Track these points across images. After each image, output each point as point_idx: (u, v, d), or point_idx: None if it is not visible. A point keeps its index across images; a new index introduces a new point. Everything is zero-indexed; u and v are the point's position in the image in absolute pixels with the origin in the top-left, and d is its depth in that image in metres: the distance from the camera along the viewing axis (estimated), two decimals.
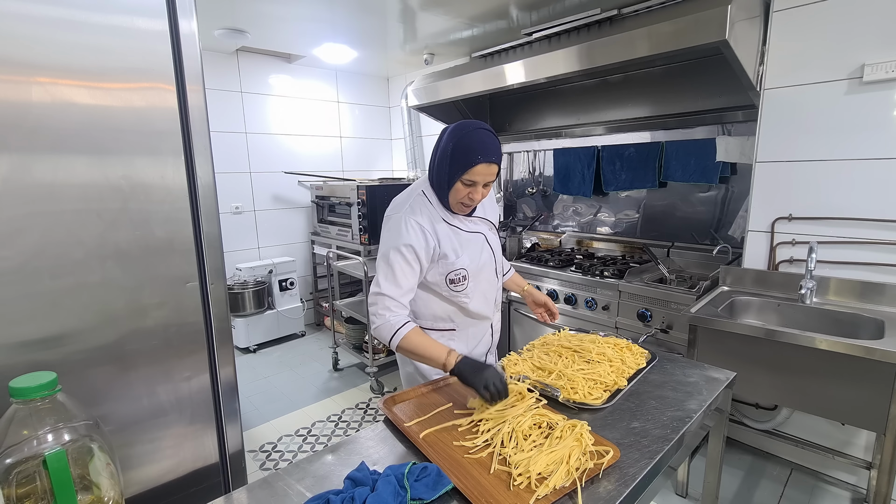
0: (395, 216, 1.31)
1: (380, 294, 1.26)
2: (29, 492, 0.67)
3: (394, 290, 1.26)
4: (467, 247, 1.35)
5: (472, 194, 1.26)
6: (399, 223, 1.28)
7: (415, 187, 1.37)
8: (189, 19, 0.95)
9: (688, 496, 2.00)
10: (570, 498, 0.82)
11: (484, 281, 1.41)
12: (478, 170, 1.21)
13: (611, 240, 3.05)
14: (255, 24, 2.83)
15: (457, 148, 1.22)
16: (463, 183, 1.24)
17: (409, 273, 1.27)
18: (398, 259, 1.26)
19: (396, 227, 1.28)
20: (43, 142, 0.83)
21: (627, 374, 1.26)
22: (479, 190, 1.26)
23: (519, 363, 1.34)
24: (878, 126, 1.78)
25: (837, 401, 1.58)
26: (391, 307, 1.26)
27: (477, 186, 1.25)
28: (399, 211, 1.31)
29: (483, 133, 1.22)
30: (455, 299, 1.37)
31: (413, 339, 1.22)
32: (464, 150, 1.21)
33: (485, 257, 1.40)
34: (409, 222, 1.27)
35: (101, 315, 0.92)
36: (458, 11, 2.56)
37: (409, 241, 1.25)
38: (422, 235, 1.27)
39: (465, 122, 1.26)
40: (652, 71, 2.68)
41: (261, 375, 3.31)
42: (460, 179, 1.24)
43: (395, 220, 1.30)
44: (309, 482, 0.88)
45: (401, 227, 1.27)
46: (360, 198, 3.31)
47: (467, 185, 1.25)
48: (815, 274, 1.86)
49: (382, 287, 1.26)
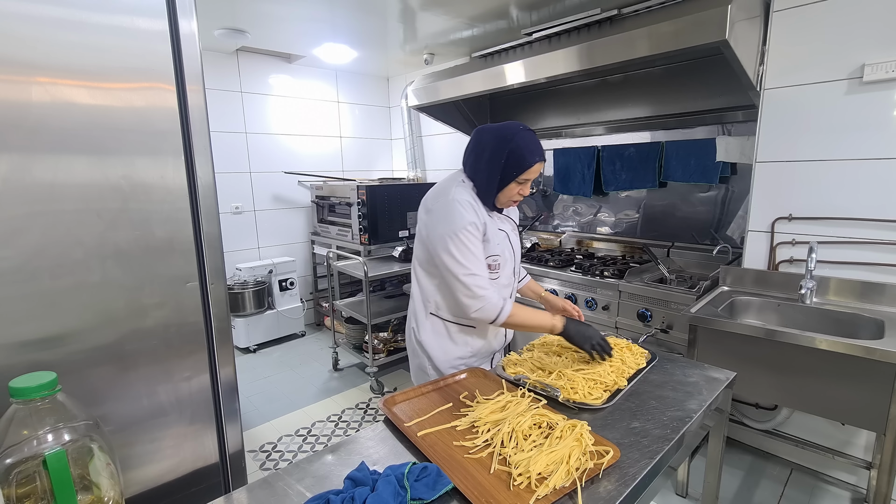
0: (443, 201, 1.34)
1: (472, 274, 1.28)
2: (29, 492, 0.67)
3: (480, 268, 1.31)
4: (498, 241, 1.41)
5: (522, 191, 1.36)
6: (453, 206, 1.31)
7: (452, 177, 1.42)
8: (189, 19, 0.95)
9: (688, 496, 2.00)
10: (570, 498, 0.82)
11: (504, 277, 1.46)
12: (535, 168, 1.31)
13: (611, 240, 3.05)
14: (255, 24, 2.83)
15: (513, 151, 1.29)
16: (517, 182, 1.33)
17: (479, 249, 1.32)
18: (468, 237, 1.29)
19: (451, 209, 1.31)
20: (43, 142, 0.83)
21: (627, 374, 1.26)
22: (528, 187, 1.36)
23: (519, 363, 1.34)
24: (878, 126, 1.78)
25: (837, 401, 1.58)
26: (484, 285, 1.30)
27: (528, 184, 1.35)
28: (446, 195, 1.34)
29: (530, 134, 1.32)
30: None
31: (519, 312, 1.33)
32: (520, 151, 1.29)
33: (507, 255, 1.44)
34: (463, 203, 1.31)
35: (101, 315, 0.92)
36: (458, 11, 2.56)
37: (470, 218, 1.30)
38: (475, 214, 1.32)
39: (510, 125, 1.32)
40: (652, 71, 2.68)
41: (261, 375, 3.31)
42: (516, 179, 1.31)
43: (446, 204, 1.32)
44: (309, 482, 0.88)
45: (457, 208, 1.30)
46: (360, 198, 3.31)
47: (520, 184, 1.34)
48: (815, 274, 1.86)
49: (471, 267, 1.29)
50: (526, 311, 1.34)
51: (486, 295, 1.29)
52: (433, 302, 1.44)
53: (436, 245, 1.32)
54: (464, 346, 1.45)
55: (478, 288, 1.28)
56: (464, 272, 1.28)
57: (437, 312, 1.44)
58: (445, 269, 1.31)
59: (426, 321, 1.46)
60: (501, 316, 1.30)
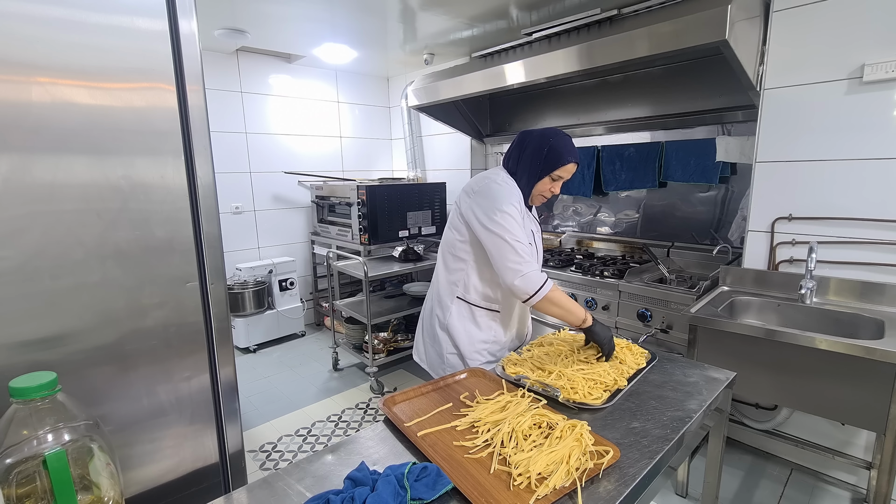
0: (491, 183, 1.43)
1: (519, 241, 1.33)
2: (29, 492, 0.67)
3: (523, 238, 1.35)
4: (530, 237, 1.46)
5: (554, 188, 1.46)
6: (502, 187, 1.41)
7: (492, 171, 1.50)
8: (189, 19, 0.95)
9: (688, 496, 2.00)
10: (570, 498, 0.82)
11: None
12: (568, 167, 1.42)
13: (611, 240, 3.05)
14: (255, 24, 2.83)
15: (552, 149, 1.40)
16: (551, 178, 1.43)
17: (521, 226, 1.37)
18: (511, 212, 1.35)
19: (500, 189, 1.40)
20: (43, 142, 0.83)
21: (627, 374, 1.26)
22: (559, 186, 1.46)
23: (519, 363, 1.34)
24: (878, 126, 1.78)
25: (837, 401, 1.58)
26: (527, 257, 1.33)
27: (559, 182, 1.45)
28: (494, 180, 1.44)
29: (568, 138, 1.43)
30: None
31: (557, 294, 1.35)
32: (560, 150, 1.40)
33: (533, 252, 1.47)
34: (511, 187, 1.42)
35: (101, 315, 0.92)
36: (458, 11, 2.56)
37: (513, 199, 1.38)
38: (517, 198, 1.41)
39: (553, 129, 1.45)
40: (652, 71, 2.68)
41: (261, 375, 3.31)
42: (550, 175, 1.42)
43: (496, 185, 1.41)
44: (309, 482, 0.88)
45: (506, 189, 1.40)
46: (360, 198, 3.31)
47: (554, 180, 1.44)
48: (815, 274, 1.86)
49: (519, 236, 1.34)
50: (566, 298, 1.37)
51: (529, 266, 1.33)
52: (461, 285, 1.50)
53: (481, 219, 1.38)
54: (488, 330, 1.51)
55: (526, 255, 1.33)
56: (513, 238, 1.33)
57: (464, 296, 1.51)
58: (494, 237, 1.35)
59: (452, 305, 1.53)
60: (542, 290, 1.32)
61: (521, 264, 1.32)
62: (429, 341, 1.61)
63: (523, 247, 1.33)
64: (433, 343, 1.58)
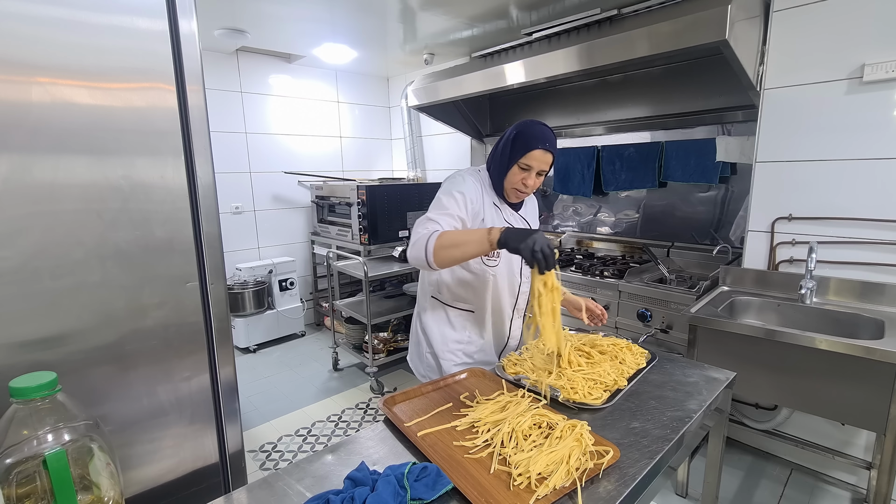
0: (453, 175, 1.44)
1: (428, 219, 1.28)
2: (29, 492, 0.67)
3: (442, 220, 1.28)
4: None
5: (526, 180, 1.36)
6: (456, 177, 1.41)
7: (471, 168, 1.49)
8: (189, 19, 0.95)
9: (688, 496, 2.00)
10: (570, 498, 0.82)
11: (509, 274, 1.48)
12: (535, 154, 1.32)
13: (611, 240, 3.05)
14: (255, 24, 2.83)
15: (518, 135, 1.34)
16: (519, 167, 1.35)
17: (457, 211, 1.32)
18: (450, 198, 1.34)
19: (453, 179, 1.41)
20: (43, 142, 0.83)
21: (627, 374, 1.26)
22: (532, 176, 1.36)
23: (519, 363, 1.34)
24: (878, 126, 1.78)
25: (837, 401, 1.58)
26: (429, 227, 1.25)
27: (531, 172, 1.35)
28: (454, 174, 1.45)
29: (543, 126, 1.35)
30: (483, 274, 1.44)
31: (449, 234, 1.20)
32: (524, 136, 1.33)
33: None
34: (466, 178, 1.40)
35: (101, 315, 0.92)
36: (458, 11, 2.56)
37: (460, 188, 1.35)
38: (473, 189, 1.37)
39: (529, 119, 1.39)
40: (652, 71, 2.68)
41: (261, 375, 3.31)
42: (517, 163, 1.34)
43: (453, 176, 1.43)
44: (309, 482, 0.88)
45: (456, 179, 1.40)
46: (360, 198, 3.31)
47: (523, 170, 1.35)
48: (815, 274, 1.86)
49: (431, 215, 1.30)
50: (456, 234, 1.20)
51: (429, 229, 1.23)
52: (435, 285, 1.49)
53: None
54: (462, 330, 1.49)
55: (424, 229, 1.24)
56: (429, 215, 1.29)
57: (437, 295, 1.50)
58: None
59: (427, 304, 1.52)
60: (429, 244, 1.18)
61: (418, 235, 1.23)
62: (413, 342, 1.62)
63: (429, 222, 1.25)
64: (416, 344, 1.59)
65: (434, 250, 1.18)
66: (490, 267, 1.43)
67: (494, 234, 1.13)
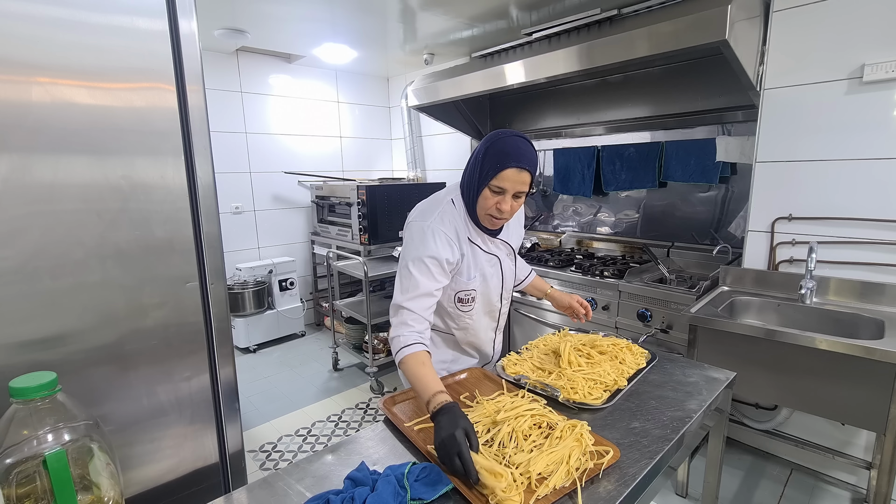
0: (421, 224, 1.23)
1: (400, 307, 1.18)
2: (29, 492, 0.67)
3: (415, 304, 1.17)
4: (481, 268, 1.31)
5: (501, 205, 1.18)
6: (425, 232, 1.21)
7: (444, 194, 1.31)
8: (189, 19, 0.95)
9: (688, 496, 2.00)
10: (570, 498, 0.82)
11: (486, 304, 1.39)
12: (507, 174, 1.14)
13: (611, 240, 3.05)
14: (255, 24, 2.83)
15: (488, 151, 1.17)
16: (491, 189, 1.17)
17: (432, 286, 1.19)
18: (422, 270, 1.18)
19: (422, 235, 1.21)
20: (43, 142, 0.83)
21: (627, 374, 1.26)
22: (507, 200, 1.18)
23: (518, 363, 1.34)
24: (878, 126, 1.78)
25: (837, 401, 1.58)
26: (409, 321, 1.16)
27: (506, 196, 1.18)
28: (426, 219, 1.23)
29: (517, 139, 1.16)
30: (458, 319, 1.36)
31: (411, 366, 1.09)
32: (495, 153, 1.15)
33: (492, 283, 1.36)
34: (437, 232, 1.20)
35: (101, 315, 0.92)
36: (458, 11, 2.56)
37: (436, 252, 1.19)
38: (448, 247, 1.21)
39: (502, 130, 1.20)
40: (652, 71, 2.68)
41: (261, 375, 3.31)
42: (488, 185, 1.17)
43: (420, 228, 1.22)
44: (309, 482, 0.88)
45: (427, 236, 1.20)
46: (360, 198, 3.31)
47: (495, 193, 1.18)
48: (815, 274, 1.86)
49: (403, 300, 1.18)
50: (418, 369, 1.08)
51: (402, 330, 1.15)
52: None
53: (402, 257, 1.25)
54: (444, 351, 1.42)
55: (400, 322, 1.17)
56: (398, 301, 1.19)
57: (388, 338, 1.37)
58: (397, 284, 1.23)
59: None
60: (397, 358, 1.14)
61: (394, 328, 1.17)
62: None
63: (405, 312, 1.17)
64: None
65: (399, 364, 1.14)
66: (465, 313, 1.34)
67: (435, 404, 0.98)
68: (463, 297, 1.31)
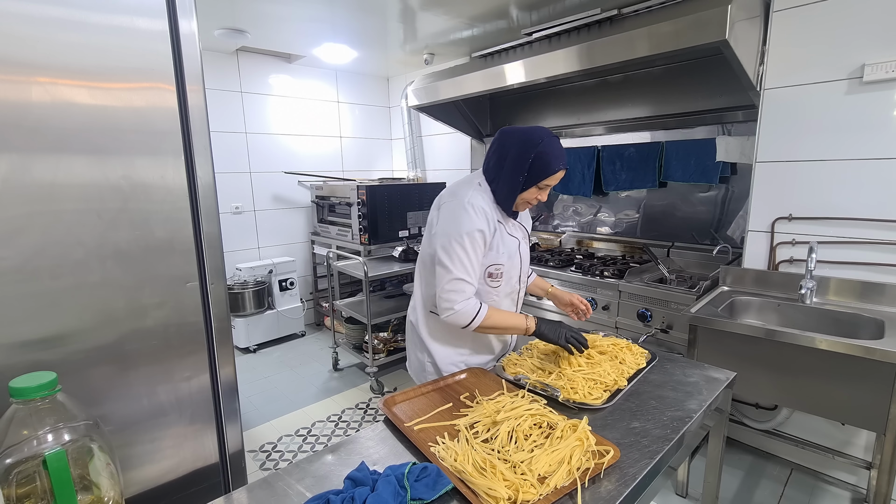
0: (456, 202, 1.32)
1: (458, 279, 1.29)
2: (29, 492, 0.67)
3: (469, 275, 1.30)
4: (507, 246, 1.40)
5: (541, 196, 1.37)
6: (464, 208, 1.30)
7: (470, 178, 1.42)
8: (189, 19, 0.95)
9: (688, 496, 2.00)
10: (570, 498, 0.82)
11: (508, 284, 1.45)
12: (557, 176, 1.32)
13: (611, 240, 3.05)
14: (255, 24, 2.83)
15: (539, 156, 1.29)
16: (538, 187, 1.33)
17: (477, 257, 1.32)
18: (468, 243, 1.29)
19: (461, 211, 1.30)
20: (43, 142, 0.83)
21: (627, 374, 1.26)
22: (546, 193, 1.37)
23: (518, 363, 1.34)
24: (878, 126, 1.78)
25: (837, 401, 1.58)
26: (467, 292, 1.30)
27: (547, 190, 1.36)
28: (462, 197, 1.32)
29: (557, 140, 1.32)
30: (486, 295, 1.41)
31: (493, 316, 1.32)
32: (545, 157, 1.29)
33: (514, 262, 1.43)
34: (475, 207, 1.30)
35: (101, 315, 0.92)
36: (458, 11, 2.56)
37: (478, 225, 1.29)
38: (485, 221, 1.31)
39: (536, 130, 1.31)
40: (652, 71, 2.68)
41: (261, 375, 3.31)
42: (537, 184, 1.32)
43: (457, 206, 1.31)
44: (309, 482, 0.88)
45: (467, 211, 1.29)
46: (360, 198, 3.31)
47: (541, 189, 1.34)
48: (815, 274, 1.86)
49: (459, 274, 1.29)
50: (500, 314, 1.34)
51: (462, 303, 1.29)
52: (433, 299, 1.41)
53: (437, 242, 1.33)
54: (462, 344, 1.46)
55: (455, 293, 1.29)
56: (450, 277, 1.29)
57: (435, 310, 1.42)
58: (441, 265, 1.31)
59: (426, 319, 1.48)
60: (474, 323, 1.30)
61: (454, 302, 1.29)
62: (410, 346, 1.61)
63: (459, 283, 1.29)
64: (413, 348, 1.58)
65: (479, 327, 1.31)
66: (494, 288, 1.42)
67: (531, 327, 1.33)
68: (493, 272, 1.39)
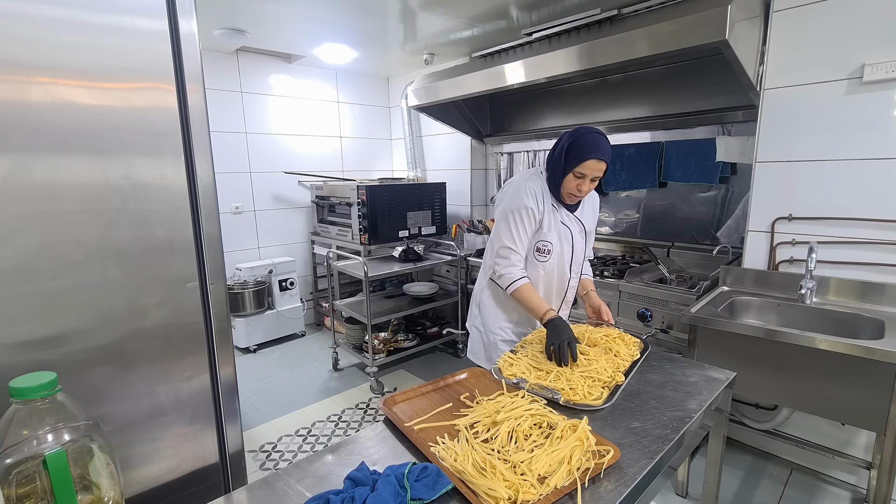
0: (514, 183, 1.57)
1: (508, 248, 1.54)
2: (29, 492, 0.67)
3: (518, 246, 1.54)
4: (558, 229, 1.58)
5: (581, 186, 1.48)
6: (519, 188, 1.54)
7: (536, 168, 1.63)
8: (189, 19, 0.95)
9: (688, 496, 2.00)
10: (570, 498, 0.82)
11: (559, 267, 1.61)
12: (588, 164, 1.43)
13: (611, 240, 3.05)
14: (255, 24, 2.83)
15: (573, 145, 1.45)
16: (574, 175, 1.47)
17: (527, 231, 1.54)
18: (520, 218, 1.52)
19: (517, 191, 1.54)
20: (43, 142, 0.83)
21: (623, 368, 1.26)
22: (586, 183, 1.48)
23: (515, 363, 1.33)
24: (878, 126, 1.78)
25: (837, 401, 1.58)
26: (514, 261, 1.54)
27: (585, 179, 1.47)
28: (521, 180, 1.57)
29: (597, 135, 1.44)
30: (535, 268, 1.59)
31: (525, 291, 1.51)
32: (579, 147, 1.44)
33: (566, 248, 1.60)
34: (528, 188, 1.53)
35: (101, 315, 0.92)
36: (458, 11, 2.56)
37: (529, 203, 1.51)
38: (535, 201, 1.52)
39: (584, 126, 1.49)
40: (652, 71, 2.68)
41: (261, 375, 3.31)
42: (572, 171, 1.46)
43: (515, 186, 1.56)
44: (309, 482, 0.88)
45: (521, 191, 1.53)
46: (360, 198, 3.31)
47: (577, 178, 1.47)
48: (815, 274, 1.86)
49: (508, 243, 1.54)
50: (531, 294, 1.51)
51: (506, 269, 1.54)
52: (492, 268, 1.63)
53: (499, 211, 1.57)
54: (512, 311, 1.67)
55: (501, 259, 1.55)
56: (499, 245, 1.55)
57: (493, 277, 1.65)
58: (496, 232, 1.57)
59: (487, 287, 1.70)
60: (511, 288, 1.53)
61: (500, 266, 1.55)
62: (470, 323, 1.80)
63: (509, 251, 1.53)
64: (471, 324, 1.78)
65: (511, 293, 1.54)
66: (542, 262, 1.59)
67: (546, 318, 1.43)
68: (541, 248, 1.57)
